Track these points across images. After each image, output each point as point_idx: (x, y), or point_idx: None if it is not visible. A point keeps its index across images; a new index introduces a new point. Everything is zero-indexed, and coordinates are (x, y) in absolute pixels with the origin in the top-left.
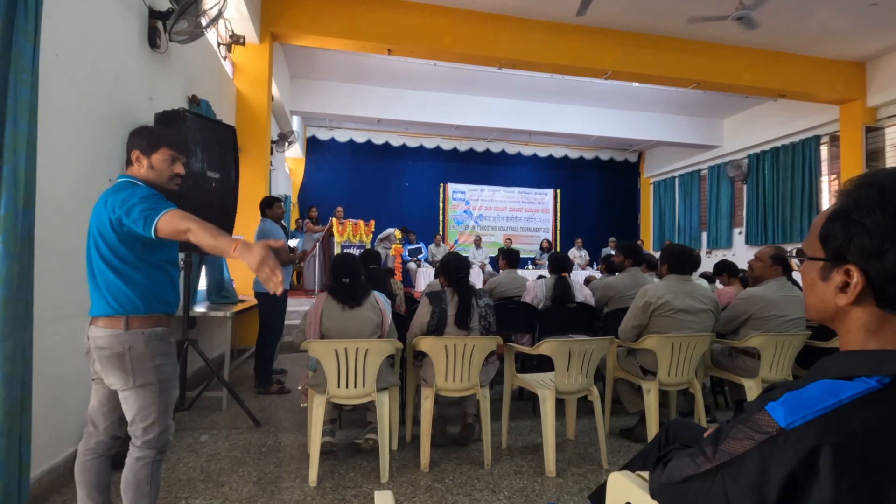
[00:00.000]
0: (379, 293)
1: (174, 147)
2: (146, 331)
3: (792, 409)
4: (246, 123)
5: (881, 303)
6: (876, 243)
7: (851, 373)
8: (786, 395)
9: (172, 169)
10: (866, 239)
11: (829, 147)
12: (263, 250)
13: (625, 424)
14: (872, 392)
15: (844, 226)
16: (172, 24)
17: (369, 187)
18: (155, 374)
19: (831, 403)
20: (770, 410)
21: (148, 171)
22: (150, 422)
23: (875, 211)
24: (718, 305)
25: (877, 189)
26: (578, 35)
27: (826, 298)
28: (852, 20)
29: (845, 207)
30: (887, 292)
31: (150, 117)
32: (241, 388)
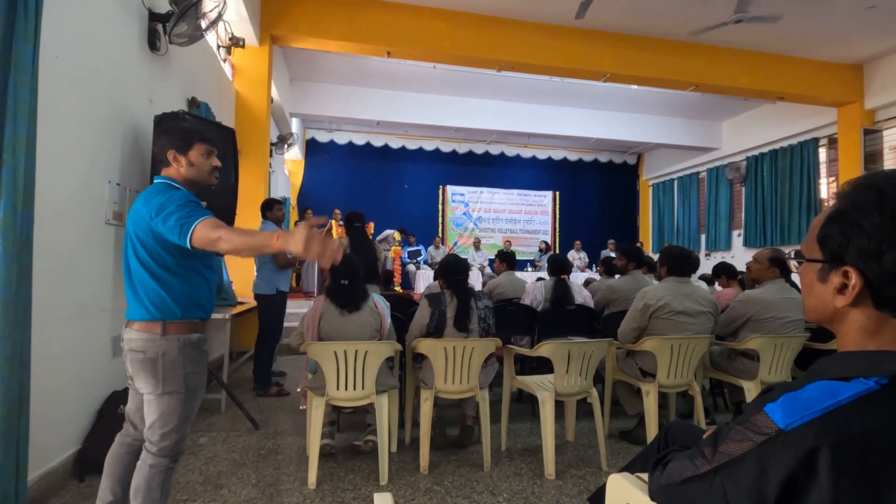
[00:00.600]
0: (378, 296)
1: (207, 140)
2: (182, 337)
3: (790, 411)
4: (245, 125)
5: (879, 304)
6: (874, 245)
7: (849, 374)
8: (784, 396)
9: (210, 162)
10: (864, 241)
11: (827, 149)
12: (305, 230)
13: (624, 426)
14: (870, 393)
15: (842, 227)
16: (172, 26)
17: (368, 189)
18: (184, 383)
19: (829, 404)
20: (769, 412)
21: (188, 169)
22: (169, 429)
23: (873, 213)
24: (717, 307)
25: (875, 191)
26: (577, 38)
27: (824, 300)
28: (850, 23)
29: (843, 209)
30: (885, 294)
31: (150, 119)
32: (240, 391)
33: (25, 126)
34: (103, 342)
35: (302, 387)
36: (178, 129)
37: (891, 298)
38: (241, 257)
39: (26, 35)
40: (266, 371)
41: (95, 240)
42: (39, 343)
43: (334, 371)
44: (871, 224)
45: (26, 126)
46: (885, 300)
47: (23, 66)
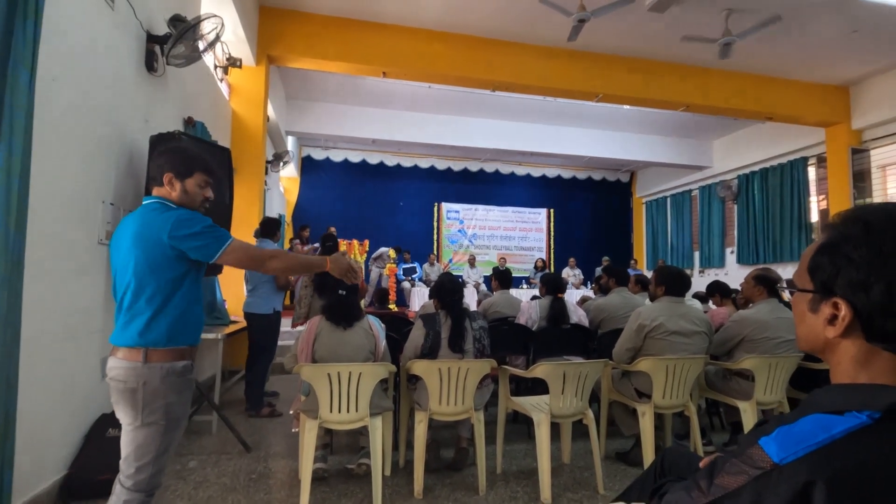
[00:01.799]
0: (373, 318)
1: (207, 171)
2: (165, 365)
3: (785, 444)
4: (241, 144)
5: (869, 336)
6: (862, 277)
7: (842, 407)
8: (778, 429)
9: (204, 193)
10: (853, 272)
11: (816, 168)
12: (348, 260)
13: (620, 447)
14: (864, 427)
15: (832, 259)
16: (170, 48)
17: (364, 207)
18: (164, 413)
19: (823, 439)
20: (763, 445)
21: (181, 195)
22: (144, 462)
23: (861, 245)
24: (711, 327)
25: (862, 224)
26: (570, 59)
27: (816, 330)
28: (835, 47)
29: (833, 240)
30: (875, 325)
31: (146, 140)
32: (232, 411)
33: (20, 149)
34: (93, 364)
35: (294, 409)
36: (182, 155)
37: (880, 330)
38: (287, 275)
39: (24, 60)
40: (259, 391)
41: (88, 260)
42: (27, 365)
43: (327, 393)
44: (860, 256)
45: (21, 149)
46: (875, 332)
47: (19, 89)
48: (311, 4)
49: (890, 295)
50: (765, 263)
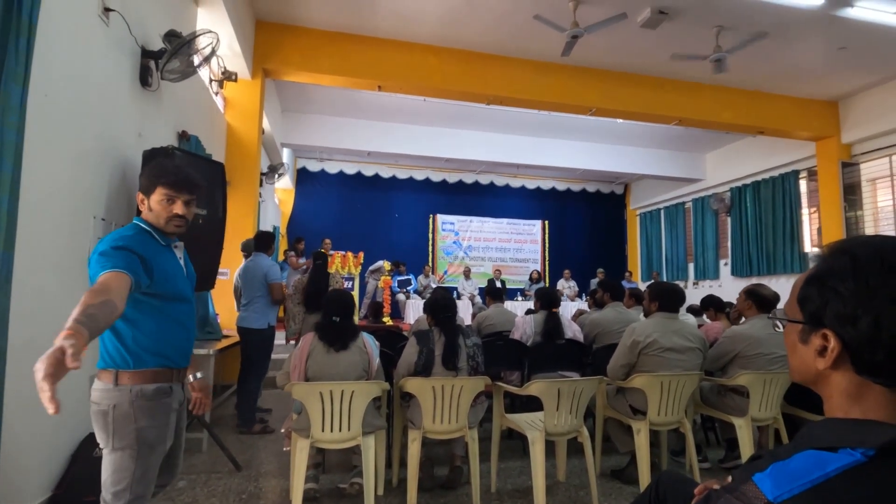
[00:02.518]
0: (367, 335)
1: (172, 185)
2: (134, 388)
3: (779, 482)
4: (236, 157)
5: (858, 369)
6: (849, 309)
7: (835, 443)
8: (773, 465)
9: (171, 209)
10: (840, 305)
11: (807, 181)
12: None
13: (616, 465)
14: (858, 465)
15: (820, 291)
16: (165, 63)
17: (359, 218)
18: (135, 438)
19: (817, 477)
20: (758, 482)
21: (148, 214)
22: (120, 487)
23: (847, 278)
24: (706, 343)
25: (849, 256)
26: (564, 74)
27: (806, 361)
28: (824, 62)
29: (820, 272)
30: (863, 358)
31: (139, 154)
32: (223, 428)
33: (11, 166)
34: (80, 382)
35: (286, 428)
36: (149, 170)
37: (869, 363)
38: None
39: (16, 76)
40: (250, 408)
41: (77, 276)
42: (13, 382)
43: (319, 412)
44: (847, 289)
45: (11, 166)
46: (864, 365)
47: (11, 106)
48: (307, 19)
49: (877, 328)
50: (758, 275)
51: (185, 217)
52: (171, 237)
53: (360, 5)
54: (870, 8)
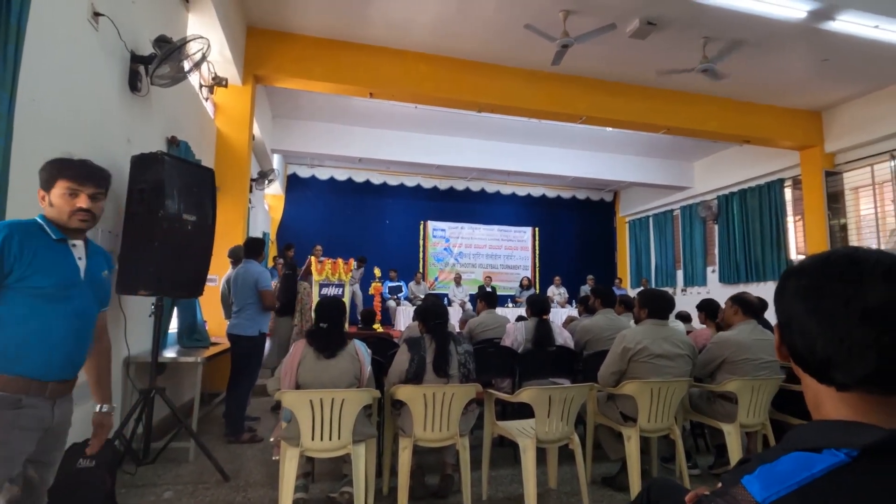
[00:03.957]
0: (359, 343)
1: (75, 178)
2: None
3: (767, 484)
4: (226, 163)
5: (795, 359)
6: (776, 295)
7: (820, 444)
8: (760, 468)
9: (73, 203)
10: (780, 310)
11: (792, 189)
12: None
13: (607, 472)
14: (842, 465)
15: (778, 302)
16: (155, 68)
17: (350, 225)
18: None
19: (804, 478)
20: (746, 484)
21: (49, 210)
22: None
23: (782, 291)
24: (695, 350)
25: (787, 271)
26: (554, 82)
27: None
28: (808, 74)
29: (779, 286)
30: (790, 347)
31: (127, 160)
32: (211, 437)
33: None
34: None
35: (275, 436)
36: (50, 164)
37: (794, 351)
38: None
39: (3, 82)
40: (239, 416)
41: None
42: None
43: (309, 420)
44: (788, 302)
45: None
46: (794, 355)
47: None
48: (299, 26)
49: (803, 337)
50: (745, 282)
51: (90, 211)
52: (74, 234)
53: (351, 13)
54: (851, 21)
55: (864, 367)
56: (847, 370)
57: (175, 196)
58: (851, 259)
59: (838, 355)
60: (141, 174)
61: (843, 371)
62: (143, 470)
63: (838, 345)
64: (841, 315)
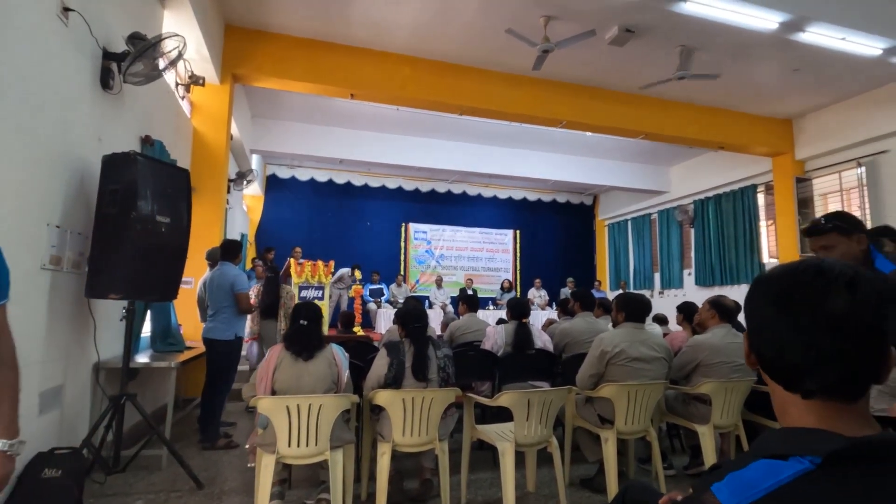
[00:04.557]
0: (337, 347)
1: None
2: None
3: (736, 491)
4: (202, 163)
5: (763, 366)
6: (745, 304)
7: (786, 451)
8: (729, 475)
9: None
10: (748, 317)
11: (765, 195)
12: None
13: (585, 474)
14: (807, 472)
15: (748, 309)
16: (128, 66)
17: (330, 226)
18: None
19: (770, 485)
20: (716, 492)
21: None
22: None
23: (753, 296)
24: (671, 353)
25: (756, 279)
26: (535, 87)
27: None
28: (779, 83)
29: (749, 294)
30: (758, 354)
31: (98, 159)
32: (186, 443)
33: None
34: (30, 398)
35: (251, 443)
36: None
37: (761, 358)
38: None
39: None
40: (214, 422)
41: (28, 286)
42: None
43: (286, 427)
44: (752, 308)
45: None
46: (761, 362)
47: None
48: (279, 25)
49: (770, 344)
50: (720, 285)
51: None
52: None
53: (332, 13)
54: (820, 33)
55: (830, 376)
56: (813, 378)
57: (148, 197)
58: (818, 269)
59: (806, 363)
60: (112, 174)
61: (810, 379)
62: (113, 479)
63: (805, 353)
64: (808, 324)
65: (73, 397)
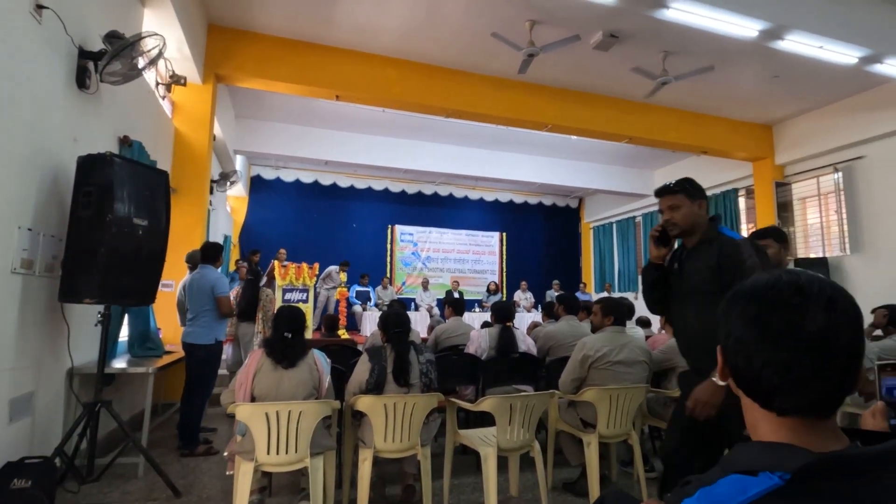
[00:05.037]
0: (319, 353)
1: None
2: None
3: None
4: (184, 164)
5: (738, 383)
6: (720, 323)
7: (756, 467)
8: (700, 491)
9: None
10: (725, 333)
11: (745, 199)
12: None
13: (567, 477)
14: (776, 489)
15: (724, 324)
16: (105, 65)
17: (315, 228)
18: None
19: (740, 501)
20: None
21: None
22: None
23: (726, 313)
24: (651, 356)
25: (733, 293)
26: (521, 90)
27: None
28: (759, 89)
29: (725, 308)
30: (734, 373)
31: (73, 160)
32: (164, 450)
33: None
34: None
35: (229, 451)
36: None
37: (737, 377)
38: None
39: None
40: (194, 428)
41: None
42: None
43: (265, 434)
44: (729, 320)
45: None
46: (737, 380)
47: None
48: (263, 25)
49: (729, 340)
50: None
51: None
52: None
53: (318, 15)
54: (798, 41)
55: (809, 395)
56: (791, 398)
57: (125, 199)
58: (797, 287)
59: (785, 385)
60: (88, 176)
61: (787, 398)
62: (87, 488)
63: (785, 374)
64: (788, 345)
65: (45, 405)
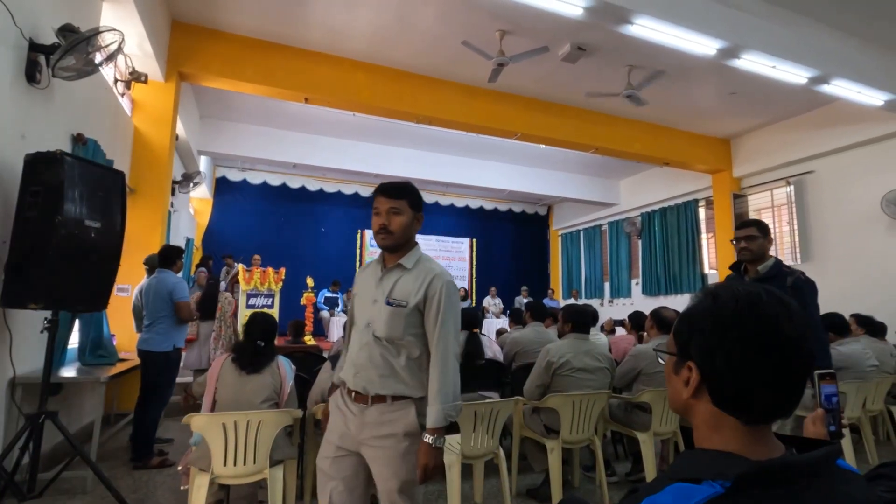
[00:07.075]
0: (283, 358)
1: None
2: None
3: None
4: (143, 164)
5: (715, 400)
6: (707, 344)
7: (699, 475)
8: (646, 500)
9: None
10: (702, 339)
11: (705, 209)
12: None
13: (532, 483)
14: (717, 497)
15: (688, 325)
16: (57, 59)
17: (283, 232)
18: None
19: None
20: None
21: None
22: None
23: (708, 316)
24: (613, 363)
25: (712, 297)
26: (491, 99)
27: (677, 390)
28: (718, 104)
29: (690, 310)
30: (718, 391)
31: (20, 158)
32: (115, 463)
33: None
34: None
35: (183, 464)
36: None
37: (722, 396)
38: None
39: None
40: (148, 439)
41: None
42: None
43: (221, 444)
44: (706, 325)
45: None
46: (719, 397)
47: None
48: (230, 24)
49: (728, 363)
50: (665, 294)
51: None
52: None
53: (287, 15)
54: (753, 60)
55: (789, 407)
56: (758, 408)
57: (76, 200)
58: (777, 298)
59: (776, 400)
60: (36, 175)
61: (767, 411)
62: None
63: (778, 391)
64: (790, 364)
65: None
